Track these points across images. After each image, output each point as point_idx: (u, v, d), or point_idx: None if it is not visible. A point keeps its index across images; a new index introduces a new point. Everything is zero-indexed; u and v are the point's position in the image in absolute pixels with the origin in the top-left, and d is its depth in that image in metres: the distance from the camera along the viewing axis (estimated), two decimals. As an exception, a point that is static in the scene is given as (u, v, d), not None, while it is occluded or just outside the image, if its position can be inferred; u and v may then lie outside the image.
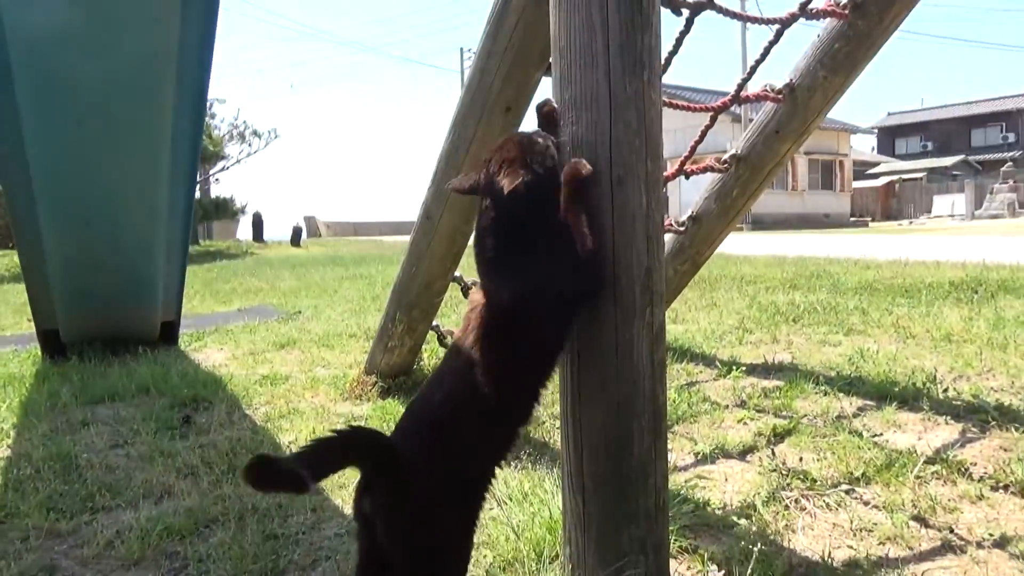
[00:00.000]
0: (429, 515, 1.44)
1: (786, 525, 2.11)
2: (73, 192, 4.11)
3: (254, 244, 22.62)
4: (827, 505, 2.22)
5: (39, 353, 4.98)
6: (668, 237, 3.92)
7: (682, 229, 3.89)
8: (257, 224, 24.54)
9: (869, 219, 34.80)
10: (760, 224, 27.06)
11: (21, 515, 2.35)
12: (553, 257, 1.58)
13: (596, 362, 1.74)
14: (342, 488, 2.43)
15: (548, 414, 3.33)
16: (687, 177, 3.72)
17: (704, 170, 3.70)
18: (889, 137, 49.93)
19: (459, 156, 3.08)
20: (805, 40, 3.37)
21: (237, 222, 25.96)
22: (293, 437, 3.08)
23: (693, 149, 3.64)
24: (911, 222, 32.10)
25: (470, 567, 1.81)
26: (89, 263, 4.49)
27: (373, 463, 1.43)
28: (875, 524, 2.09)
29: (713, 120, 3.55)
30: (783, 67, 3.48)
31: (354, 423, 3.25)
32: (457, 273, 3.65)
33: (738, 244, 12.79)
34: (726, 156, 3.76)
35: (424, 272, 3.43)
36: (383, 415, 3.31)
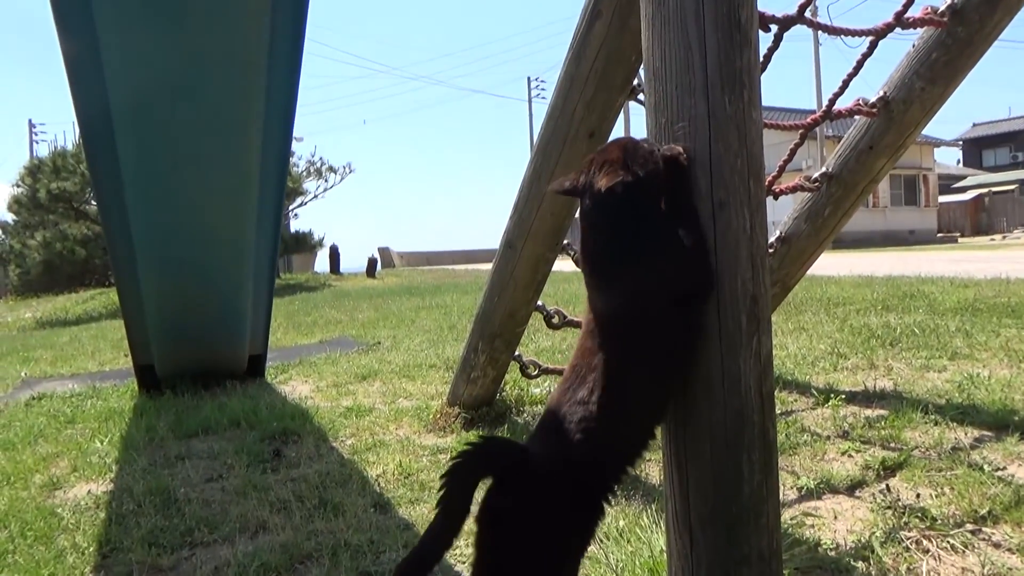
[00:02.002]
0: (553, 519, 1.43)
1: (908, 569, 1.96)
2: (168, 233, 4.28)
3: (331, 276, 23.19)
4: (952, 547, 2.06)
5: (136, 388, 5.17)
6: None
7: (770, 251, 3.76)
8: (334, 256, 25.17)
9: (958, 235, 33.19)
10: (840, 243, 26.11)
11: (124, 550, 2.40)
12: (655, 256, 1.54)
13: (701, 394, 1.65)
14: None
15: None
16: (775, 198, 3.58)
17: (793, 190, 3.56)
18: (976, 149, 47.74)
19: (542, 184, 3.05)
20: (881, 56, 3.24)
21: (315, 255, 26.72)
22: (380, 470, 3.07)
23: (782, 169, 3.52)
24: (1004, 236, 30.44)
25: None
26: (182, 300, 4.66)
27: (504, 467, 1.44)
28: (1010, 569, 1.91)
29: (803, 138, 3.43)
30: (857, 85, 3.35)
31: (440, 455, 3.24)
32: (539, 302, 3.61)
33: (820, 264, 12.36)
34: (816, 175, 3.62)
35: (507, 302, 3.40)
36: (468, 447, 3.27)
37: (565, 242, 3.42)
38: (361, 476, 3.03)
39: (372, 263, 23.25)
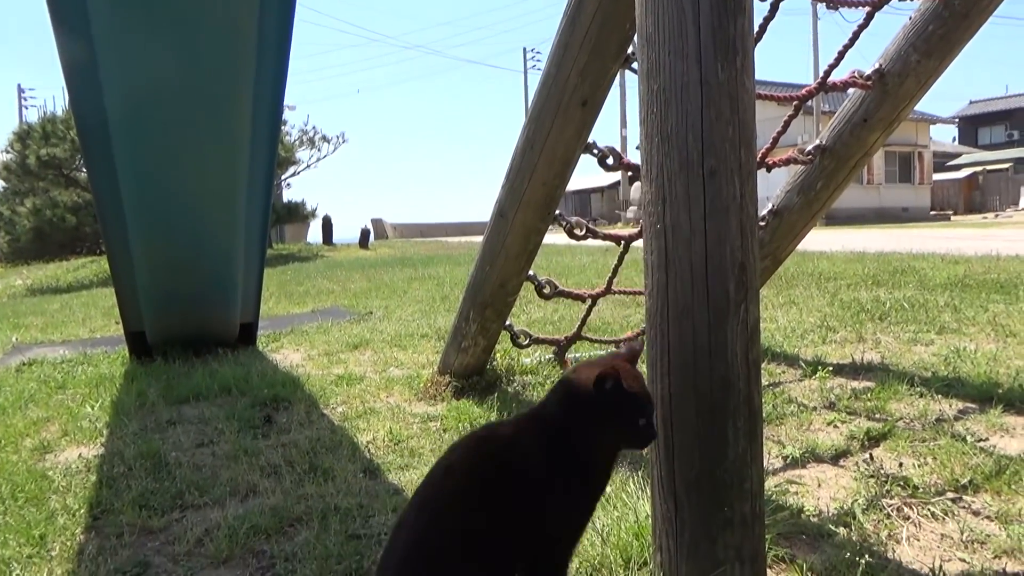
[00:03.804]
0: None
1: (889, 535, 1.99)
2: (157, 198, 4.25)
3: (324, 247, 23.13)
4: (932, 514, 2.09)
5: (127, 354, 5.17)
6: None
7: (762, 224, 3.76)
8: (327, 227, 25.10)
9: (951, 212, 33.26)
10: (834, 219, 26.16)
11: (115, 511, 2.42)
12: None
13: (688, 363, 1.67)
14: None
15: None
16: (768, 170, 3.58)
17: (787, 162, 3.57)
18: (971, 127, 47.62)
19: (535, 153, 3.04)
20: (878, 30, 3.22)
21: (307, 225, 26.61)
22: (370, 437, 3.09)
23: (775, 140, 3.52)
24: (997, 215, 30.52)
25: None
26: (173, 267, 4.64)
27: None
28: (988, 536, 1.95)
29: (797, 110, 3.43)
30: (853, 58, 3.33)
31: (430, 422, 3.26)
32: (531, 272, 3.62)
33: (812, 240, 12.40)
34: (810, 147, 3.62)
35: (498, 271, 3.40)
36: (458, 415, 3.30)
37: (557, 212, 3.41)
38: (351, 442, 3.05)
39: (365, 234, 23.18)
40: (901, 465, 2.42)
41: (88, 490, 2.64)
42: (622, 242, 3.71)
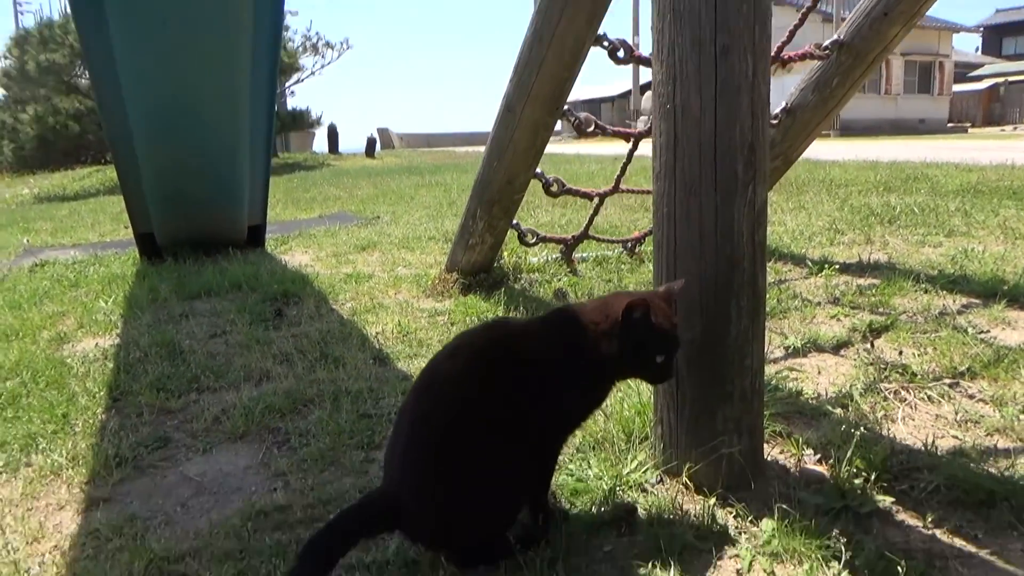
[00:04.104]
0: None
1: (885, 415, 2.05)
2: (160, 96, 4.20)
3: (330, 156, 22.88)
4: (929, 398, 2.14)
5: (138, 255, 5.22)
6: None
7: (775, 122, 3.70)
8: (332, 136, 24.76)
9: (968, 125, 32.47)
10: (849, 130, 25.64)
11: (134, 393, 2.50)
12: None
13: (694, 243, 1.68)
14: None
15: (634, 281, 3.32)
16: (784, 65, 3.50)
17: (803, 57, 3.47)
18: (996, 36, 45.81)
19: (543, 44, 2.97)
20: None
21: (313, 135, 26.25)
22: (379, 329, 3.15)
23: (792, 33, 3.42)
24: (1016, 128, 29.81)
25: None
26: (179, 168, 4.63)
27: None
28: (982, 416, 2.00)
29: (815, 2, 3.30)
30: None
31: (438, 316, 3.31)
32: (538, 169, 3.59)
33: (825, 150, 12.19)
34: (827, 43, 3.52)
35: (505, 167, 3.37)
36: (465, 310, 3.34)
37: (565, 108, 3.36)
38: (361, 334, 3.11)
39: (371, 143, 22.90)
40: (901, 354, 2.47)
41: (106, 375, 2.71)
42: (631, 139, 3.66)
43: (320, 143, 26.31)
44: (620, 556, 1.49)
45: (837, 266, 3.63)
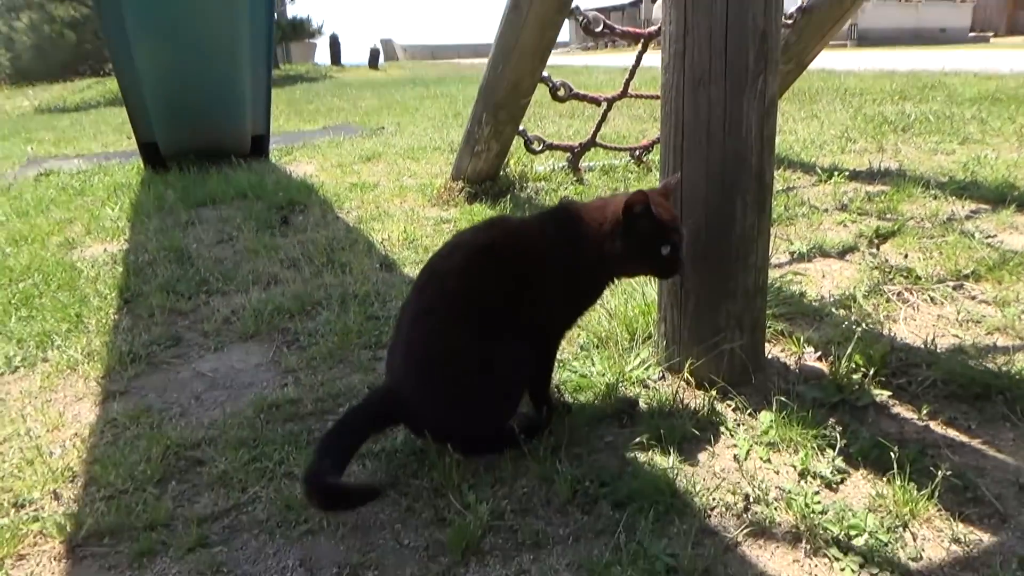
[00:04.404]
0: None
1: (887, 316, 2.06)
2: (160, 9, 4.09)
3: (332, 68, 22.32)
4: (931, 299, 2.15)
5: (141, 165, 5.18)
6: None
7: (789, 22, 3.58)
8: (334, 47, 24.11)
9: (991, 34, 31.29)
10: (866, 40, 24.79)
11: (145, 295, 2.54)
12: None
13: (701, 137, 1.65)
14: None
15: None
16: (800, -40, 3.36)
17: (821, -50, 3.32)
18: (1027, -62, 43.58)
19: (550, -65, 2.85)
20: None
21: (314, 46, 25.58)
22: (385, 236, 3.16)
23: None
24: (1041, 37, 28.73)
25: (564, 344, 1.88)
26: (179, 76, 4.54)
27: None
28: (984, 316, 2.01)
29: None
30: None
31: (443, 224, 3.31)
32: (545, 73, 3.51)
33: (841, 60, 11.85)
34: (846, -65, 3.36)
35: (511, 70, 3.29)
36: (471, 218, 3.34)
37: (573, 5, 3.25)
38: (367, 240, 3.11)
39: (374, 54, 22.33)
40: (906, 257, 2.46)
41: (116, 278, 2.75)
42: (641, 41, 3.56)
43: (322, 55, 25.68)
44: (621, 445, 1.54)
45: (847, 173, 3.59)
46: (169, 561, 1.29)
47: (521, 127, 3.76)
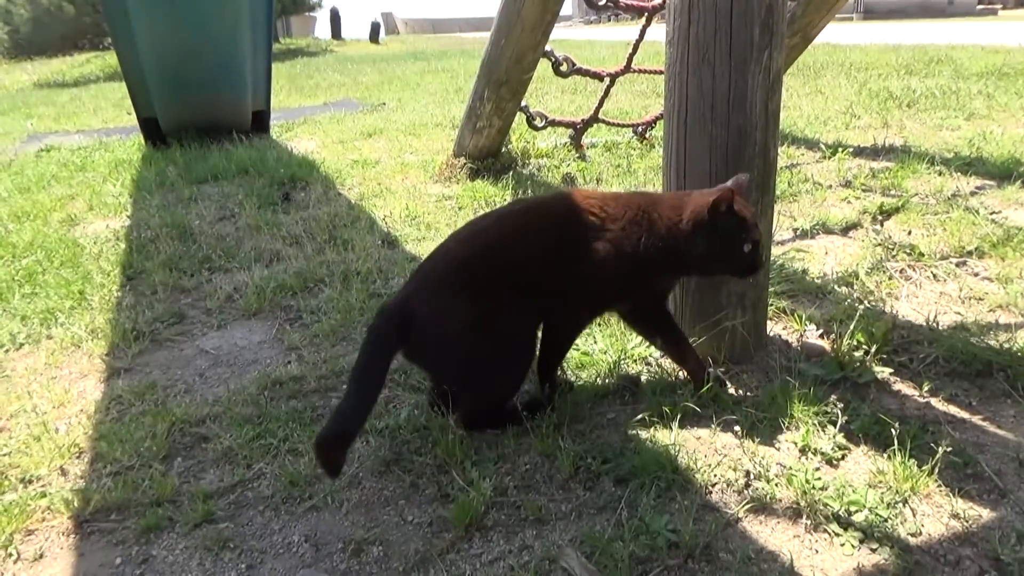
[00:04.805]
0: None
1: (889, 293, 2.06)
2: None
3: (332, 41, 22.11)
4: (934, 276, 2.15)
5: (142, 142, 5.15)
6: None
7: (795, -4, 3.53)
8: (335, 20, 23.87)
9: (1000, 7, 30.86)
10: (872, 13, 24.48)
11: (148, 272, 2.54)
12: None
13: (705, 112, 1.64)
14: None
15: (643, 167, 3.30)
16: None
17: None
18: (1038, -93, 42.82)
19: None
20: None
21: (314, 19, 25.36)
22: (387, 212, 3.15)
23: None
24: (1051, 9, 28.33)
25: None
26: (178, 48, 4.50)
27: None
28: (986, 293, 2.01)
29: None
30: None
31: (445, 201, 3.30)
32: (548, 47, 3.47)
33: (847, 33, 11.73)
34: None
35: (513, 44, 3.26)
36: (473, 195, 3.33)
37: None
38: (369, 217, 3.11)
39: (375, 28, 22.10)
40: (910, 234, 2.46)
41: (119, 255, 2.75)
42: (644, 14, 3.52)
43: (322, 29, 25.48)
44: (623, 422, 1.55)
45: (851, 150, 3.57)
46: (176, 536, 1.30)
47: (523, 103, 3.73)
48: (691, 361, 1.63)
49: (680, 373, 1.69)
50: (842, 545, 1.18)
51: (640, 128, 4.23)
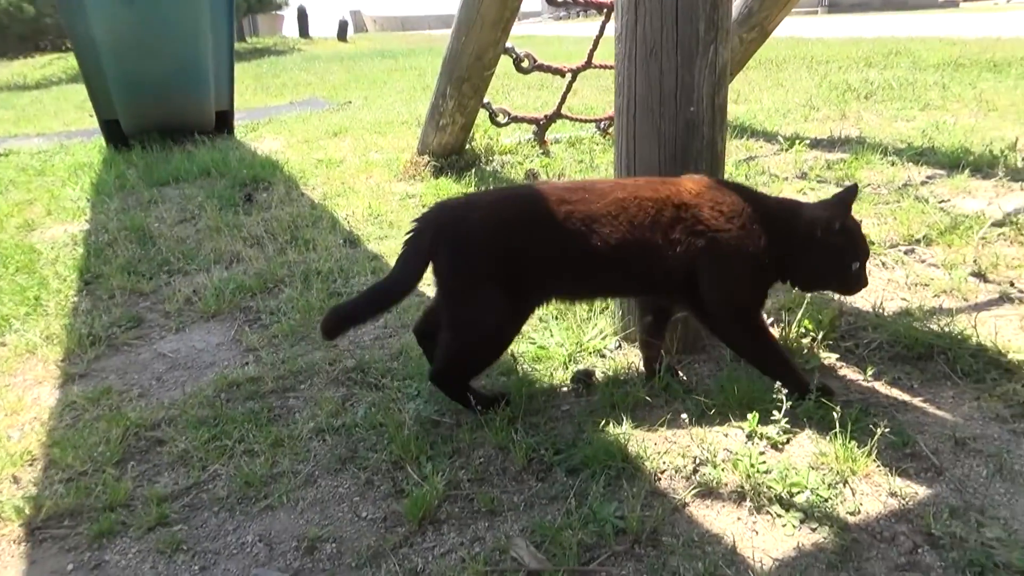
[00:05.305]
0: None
1: (838, 282, 2.10)
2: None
3: (300, 40, 21.91)
4: (883, 264, 2.20)
5: (104, 144, 5.08)
6: (735, 2, 3.62)
7: (751, -9, 3.58)
8: (302, 18, 23.63)
9: (961, -1, 31.41)
10: (837, 7, 24.78)
11: (105, 276, 2.52)
12: None
13: (653, 106, 1.67)
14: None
15: (605, 162, 3.32)
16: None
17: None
18: (997, -101, 43.61)
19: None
20: None
21: (281, 18, 25.07)
22: (350, 211, 3.14)
23: None
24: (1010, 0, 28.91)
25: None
26: (138, 47, 4.44)
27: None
28: (932, 279, 2.07)
29: None
30: None
31: (409, 199, 3.30)
32: (509, 44, 3.49)
33: (810, 27, 11.88)
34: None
35: (474, 41, 3.27)
36: (436, 193, 3.33)
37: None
38: (331, 217, 3.10)
39: (343, 26, 21.92)
40: (861, 223, 2.50)
41: (76, 260, 2.72)
42: (604, 9, 3.55)
43: (290, 27, 25.17)
44: (577, 414, 1.57)
45: (808, 142, 3.63)
46: (129, 541, 1.30)
47: (486, 99, 3.75)
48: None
49: (635, 366, 1.71)
50: (783, 526, 1.21)
51: (603, 123, 4.27)
